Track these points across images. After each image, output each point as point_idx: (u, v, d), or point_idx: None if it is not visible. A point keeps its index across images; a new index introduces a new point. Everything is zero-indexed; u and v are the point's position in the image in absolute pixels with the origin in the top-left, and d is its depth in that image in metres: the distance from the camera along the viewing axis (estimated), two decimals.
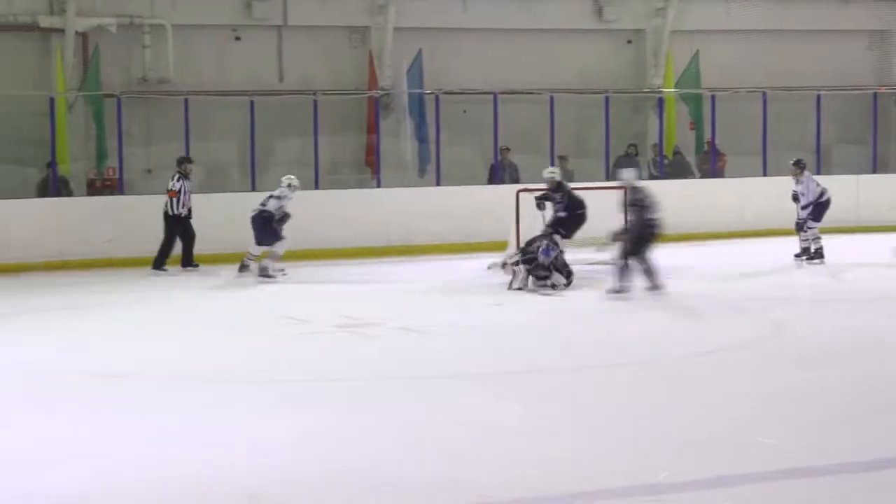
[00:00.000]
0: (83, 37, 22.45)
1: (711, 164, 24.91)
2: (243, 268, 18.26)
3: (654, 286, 15.61)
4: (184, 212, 19.03)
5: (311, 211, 20.79)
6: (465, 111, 24.03)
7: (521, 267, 16.74)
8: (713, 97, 24.78)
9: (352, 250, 20.56)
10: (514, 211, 18.05)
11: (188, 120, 21.78)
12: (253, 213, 18.14)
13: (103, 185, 21.92)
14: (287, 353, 12.53)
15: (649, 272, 15.68)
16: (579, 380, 10.98)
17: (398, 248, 21.03)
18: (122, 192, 21.51)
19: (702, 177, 25.04)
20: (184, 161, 19.33)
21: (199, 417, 9.53)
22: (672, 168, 24.81)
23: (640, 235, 15.86)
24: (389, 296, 16.77)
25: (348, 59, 24.17)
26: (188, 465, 8.19)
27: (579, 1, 25.37)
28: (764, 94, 24.82)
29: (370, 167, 23.55)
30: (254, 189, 21.87)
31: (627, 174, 16.90)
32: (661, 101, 25.16)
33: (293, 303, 16.14)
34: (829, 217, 18.75)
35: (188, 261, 19.20)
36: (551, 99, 23.63)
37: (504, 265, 17.57)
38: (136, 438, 8.89)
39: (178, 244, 19.09)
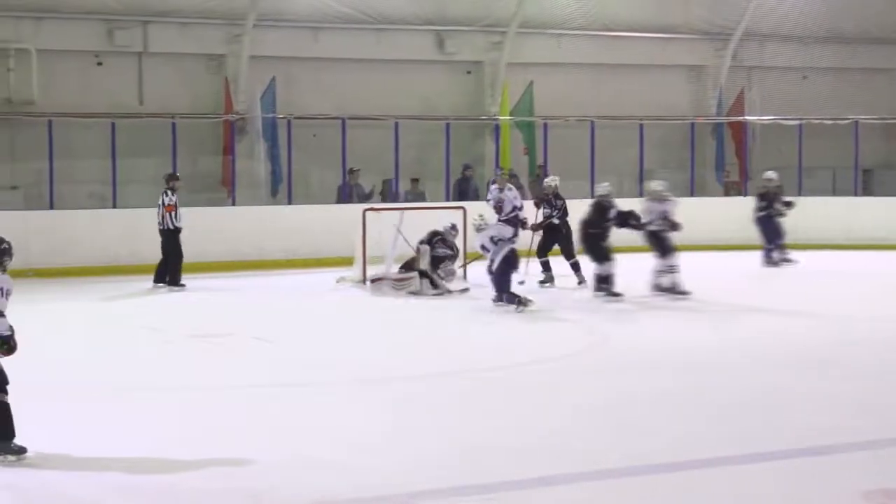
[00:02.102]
0: None
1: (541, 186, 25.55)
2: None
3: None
4: (181, 224, 19.00)
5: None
6: (314, 135, 24.25)
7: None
8: (545, 125, 25.53)
9: (206, 265, 20.77)
10: (361, 228, 18.75)
11: (52, 140, 21.93)
12: None
13: None
14: (140, 363, 12.59)
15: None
16: (420, 387, 11.25)
17: (252, 263, 21.42)
18: None
19: (533, 198, 25.63)
20: (172, 178, 19.29)
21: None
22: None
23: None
24: (242, 308, 17.00)
25: (206, 84, 24.20)
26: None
27: (423, 34, 25.70)
28: (592, 122, 25.63)
29: (226, 186, 23.72)
30: (115, 206, 22.14)
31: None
32: (497, 128, 25.72)
33: (150, 314, 16.35)
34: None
35: (162, 277, 19.03)
36: (396, 125, 24.17)
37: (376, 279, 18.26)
38: None
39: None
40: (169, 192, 19.06)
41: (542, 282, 18.79)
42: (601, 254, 17.51)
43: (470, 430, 9.46)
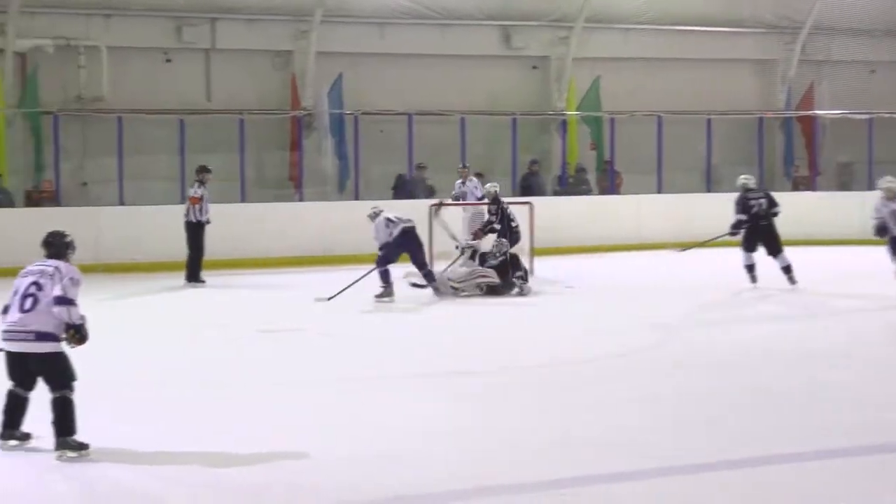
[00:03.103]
0: (22, 57, 22.38)
1: (610, 181, 25.53)
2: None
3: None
4: (205, 218, 18.82)
5: (238, 223, 21.16)
6: (381, 131, 24.19)
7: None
8: (612, 119, 25.31)
9: (274, 260, 20.80)
10: (428, 224, 18.62)
11: (121, 136, 22.06)
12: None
13: (40, 197, 21.97)
14: (210, 358, 12.56)
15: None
16: (485, 382, 11.12)
17: (319, 259, 21.32)
18: (59, 204, 21.65)
19: (600, 193, 25.60)
20: (203, 171, 19.03)
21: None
22: (574, 185, 25.39)
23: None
24: (310, 303, 16.79)
25: (273, 80, 24.20)
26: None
27: (489, 29, 25.59)
28: (659, 117, 25.41)
29: (293, 182, 23.73)
30: (183, 202, 22.09)
31: None
32: (564, 123, 25.61)
33: (218, 309, 16.33)
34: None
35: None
36: (462, 120, 24.13)
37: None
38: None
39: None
40: (197, 185, 18.90)
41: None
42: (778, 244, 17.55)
43: (538, 426, 9.33)
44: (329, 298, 16.39)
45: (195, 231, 18.80)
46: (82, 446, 8.36)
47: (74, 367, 8.51)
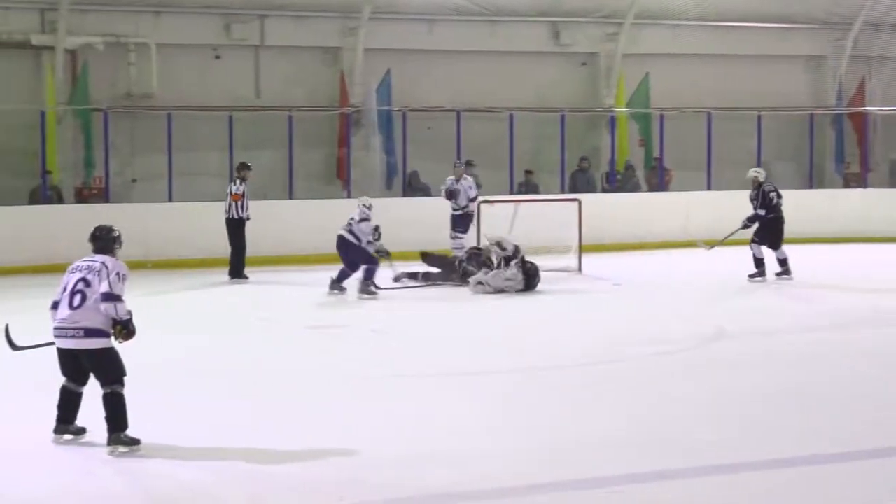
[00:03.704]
0: (72, 54, 22.49)
1: (659, 178, 25.39)
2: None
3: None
4: (246, 215, 18.89)
5: (286, 219, 21.20)
6: (429, 128, 24.15)
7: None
8: (661, 116, 25.18)
9: (324, 257, 20.73)
10: (476, 220, 18.56)
11: (171, 133, 22.11)
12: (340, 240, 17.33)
13: (90, 194, 22.09)
14: (258, 354, 12.60)
15: None
16: (531, 380, 11.10)
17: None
18: (108, 200, 21.72)
19: (649, 190, 25.48)
20: (243, 168, 19.15)
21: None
22: (623, 182, 25.27)
23: None
24: (357, 300, 16.83)
25: (321, 77, 24.19)
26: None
27: (537, 25, 25.49)
28: (709, 113, 25.21)
29: (341, 179, 23.74)
30: None
31: None
32: (613, 120, 25.46)
33: (265, 305, 16.33)
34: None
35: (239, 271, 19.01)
36: (510, 117, 24.04)
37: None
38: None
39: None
40: (237, 182, 18.97)
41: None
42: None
43: (582, 423, 9.33)
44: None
45: (237, 227, 18.87)
46: (134, 441, 8.39)
47: (124, 362, 8.53)
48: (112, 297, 8.40)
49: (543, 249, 18.51)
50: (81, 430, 8.65)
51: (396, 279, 17.92)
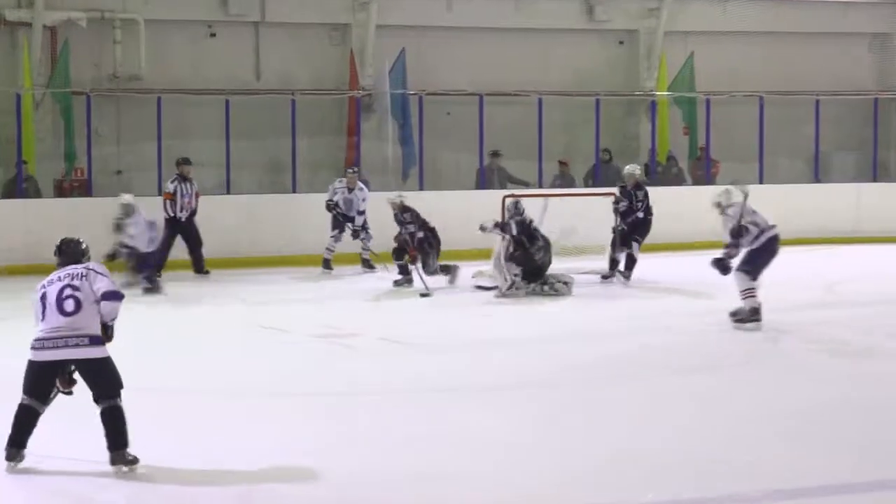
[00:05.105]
0: (51, 31, 22.33)
1: (705, 170, 25.07)
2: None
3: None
4: (182, 215, 19.33)
5: (289, 214, 20.96)
6: (448, 113, 24.09)
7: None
8: (708, 101, 24.94)
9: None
10: (502, 217, 18.23)
11: (161, 119, 21.89)
12: None
13: (71, 187, 21.93)
14: (267, 365, 12.58)
15: None
16: (567, 395, 11.05)
17: (379, 256, 21.06)
18: (90, 194, 21.58)
19: (694, 183, 25.16)
20: (180, 163, 19.63)
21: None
22: (664, 174, 24.95)
23: None
24: (371, 305, 16.81)
25: (328, 57, 24.10)
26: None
27: (569, 0, 25.39)
28: (760, 98, 25.01)
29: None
30: (228, 191, 21.99)
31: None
32: (653, 105, 25.30)
33: (268, 313, 16.21)
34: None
35: (199, 267, 19.57)
36: (539, 101, 23.81)
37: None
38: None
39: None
40: (172, 178, 19.72)
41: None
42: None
43: (636, 440, 9.33)
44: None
45: (165, 227, 19.34)
46: (135, 460, 8.45)
47: (119, 374, 8.58)
48: (118, 296, 8.55)
49: (575, 251, 18.44)
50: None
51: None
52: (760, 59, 26.20)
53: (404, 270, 18.27)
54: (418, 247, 18.05)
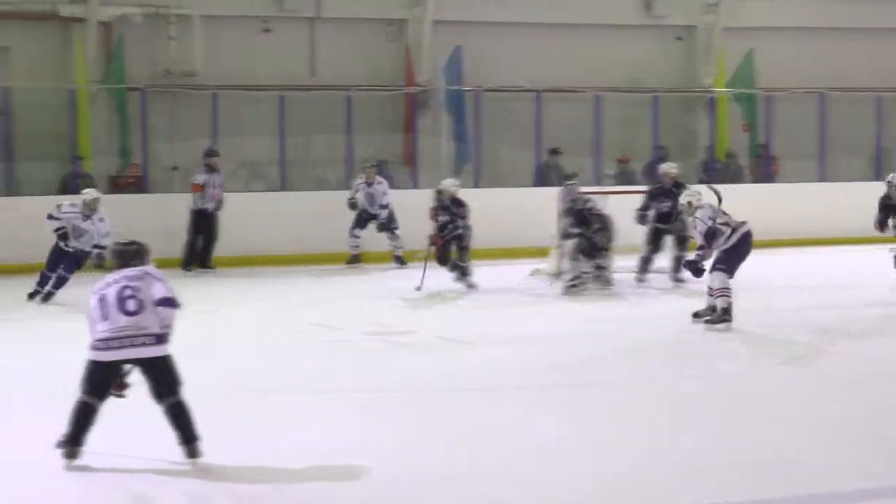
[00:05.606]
0: (106, 27, 22.42)
1: (766, 168, 24.91)
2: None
3: None
4: (210, 206, 19.47)
5: (345, 212, 20.98)
6: (505, 109, 23.94)
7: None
8: (767, 98, 24.81)
9: (386, 254, 20.60)
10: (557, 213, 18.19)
11: (216, 115, 21.99)
12: None
13: (126, 183, 21.98)
14: (318, 364, 12.60)
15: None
16: (622, 395, 10.97)
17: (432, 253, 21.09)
18: (146, 190, 21.65)
19: (754, 181, 25.00)
20: (208, 154, 19.80)
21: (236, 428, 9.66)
22: (723, 172, 24.80)
23: None
24: (422, 302, 16.77)
25: (384, 53, 24.11)
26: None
27: None
28: (821, 94, 24.86)
29: (407, 167, 23.57)
30: (283, 188, 22.04)
31: None
32: (712, 102, 25.20)
33: (322, 310, 16.21)
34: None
35: (206, 262, 19.74)
36: (597, 98, 23.75)
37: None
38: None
39: None
40: (201, 170, 19.91)
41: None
42: None
43: (686, 443, 9.21)
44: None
45: (193, 218, 19.70)
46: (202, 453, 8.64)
47: (177, 370, 8.71)
48: (173, 303, 8.63)
49: (630, 249, 18.15)
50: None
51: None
52: (822, 54, 25.96)
53: (454, 267, 18.08)
54: (453, 239, 17.82)
